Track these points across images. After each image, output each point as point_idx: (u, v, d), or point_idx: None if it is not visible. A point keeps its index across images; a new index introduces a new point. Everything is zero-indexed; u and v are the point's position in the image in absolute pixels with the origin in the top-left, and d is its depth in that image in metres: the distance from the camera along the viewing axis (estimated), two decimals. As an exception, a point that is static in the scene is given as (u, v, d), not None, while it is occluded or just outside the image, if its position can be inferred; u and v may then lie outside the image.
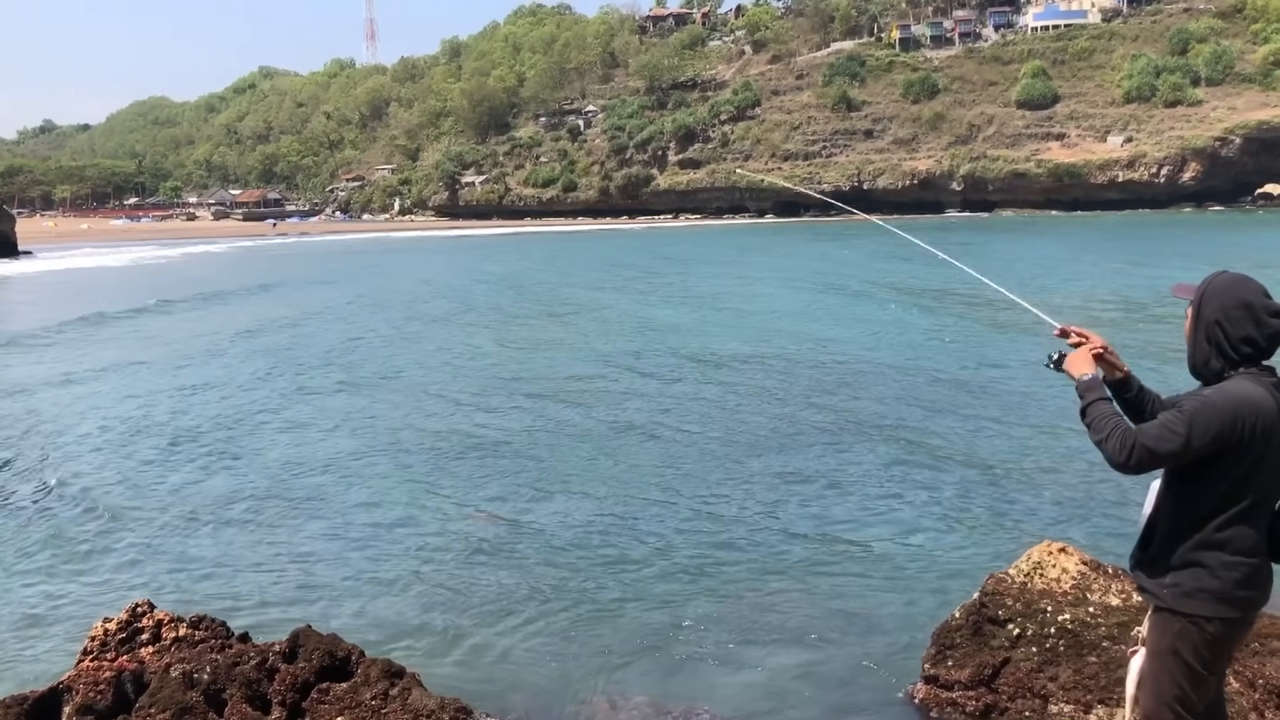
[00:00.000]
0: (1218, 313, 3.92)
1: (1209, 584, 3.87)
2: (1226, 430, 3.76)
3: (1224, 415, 3.77)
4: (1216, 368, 3.94)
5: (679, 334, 27.17)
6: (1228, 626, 3.94)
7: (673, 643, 8.27)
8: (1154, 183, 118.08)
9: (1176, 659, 3.94)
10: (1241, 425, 3.76)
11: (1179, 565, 3.93)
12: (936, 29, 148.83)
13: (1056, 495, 11.77)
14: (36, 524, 11.91)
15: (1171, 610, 3.94)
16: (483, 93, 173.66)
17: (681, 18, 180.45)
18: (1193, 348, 4.03)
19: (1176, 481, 3.96)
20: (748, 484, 12.75)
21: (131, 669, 6.02)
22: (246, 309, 37.42)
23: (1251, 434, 3.78)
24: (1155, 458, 3.81)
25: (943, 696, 6.57)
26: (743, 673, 7.76)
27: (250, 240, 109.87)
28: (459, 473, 13.70)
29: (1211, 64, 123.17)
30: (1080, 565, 6.72)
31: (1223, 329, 3.90)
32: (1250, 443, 3.78)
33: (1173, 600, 3.93)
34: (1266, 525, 3.92)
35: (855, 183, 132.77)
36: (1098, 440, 3.91)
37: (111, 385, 21.19)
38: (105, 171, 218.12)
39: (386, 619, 8.92)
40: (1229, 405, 3.78)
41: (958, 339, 24.70)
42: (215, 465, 14.43)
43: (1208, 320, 3.95)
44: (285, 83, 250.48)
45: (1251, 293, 3.92)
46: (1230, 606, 3.90)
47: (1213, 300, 3.96)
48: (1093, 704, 5.96)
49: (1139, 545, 4.16)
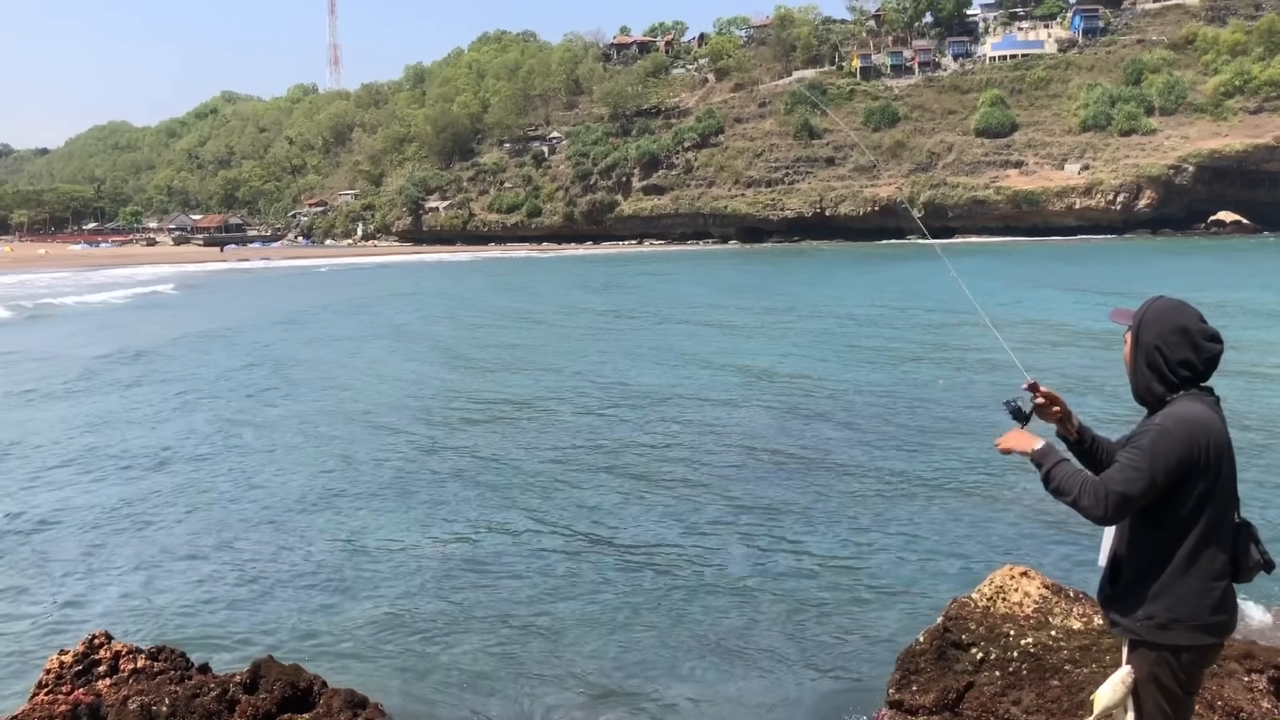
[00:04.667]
0: (1156, 338, 3.98)
1: (1182, 613, 3.90)
2: (1187, 455, 3.81)
3: (1182, 441, 3.81)
4: (1158, 392, 4.01)
5: (649, 365, 27.21)
6: (1202, 653, 4.00)
7: (636, 672, 8.25)
8: (1110, 210, 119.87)
9: (1158, 687, 3.97)
10: (1198, 448, 3.82)
11: (1152, 597, 3.94)
12: (896, 58, 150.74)
13: (1017, 521, 11.88)
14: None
15: (1148, 644, 3.96)
16: (447, 119, 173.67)
17: (645, 45, 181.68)
18: (1134, 373, 4.10)
19: (1139, 513, 3.96)
20: (710, 514, 12.75)
21: (88, 702, 5.91)
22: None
23: (1207, 455, 3.84)
24: (1129, 500, 3.83)
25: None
26: (707, 702, 7.74)
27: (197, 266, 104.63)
28: (420, 502, 13.60)
29: (1165, 94, 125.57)
30: (1042, 589, 6.78)
31: (1161, 354, 3.97)
32: (1208, 464, 3.84)
33: (1148, 633, 3.95)
34: (1229, 545, 3.96)
35: (818, 209, 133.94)
36: (1070, 502, 3.93)
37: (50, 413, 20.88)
38: (64, 196, 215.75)
39: (349, 648, 8.83)
40: (1184, 430, 3.83)
41: (921, 370, 24.89)
42: (168, 497, 14.22)
43: (1147, 346, 4.01)
44: (248, 108, 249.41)
45: (1188, 318, 3.99)
46: (1205, 633, 3.94)
47: (1150, 326, 4.02)
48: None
49: (1107, 580, 4.16)
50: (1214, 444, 3.86)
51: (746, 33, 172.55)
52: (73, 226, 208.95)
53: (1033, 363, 21.16)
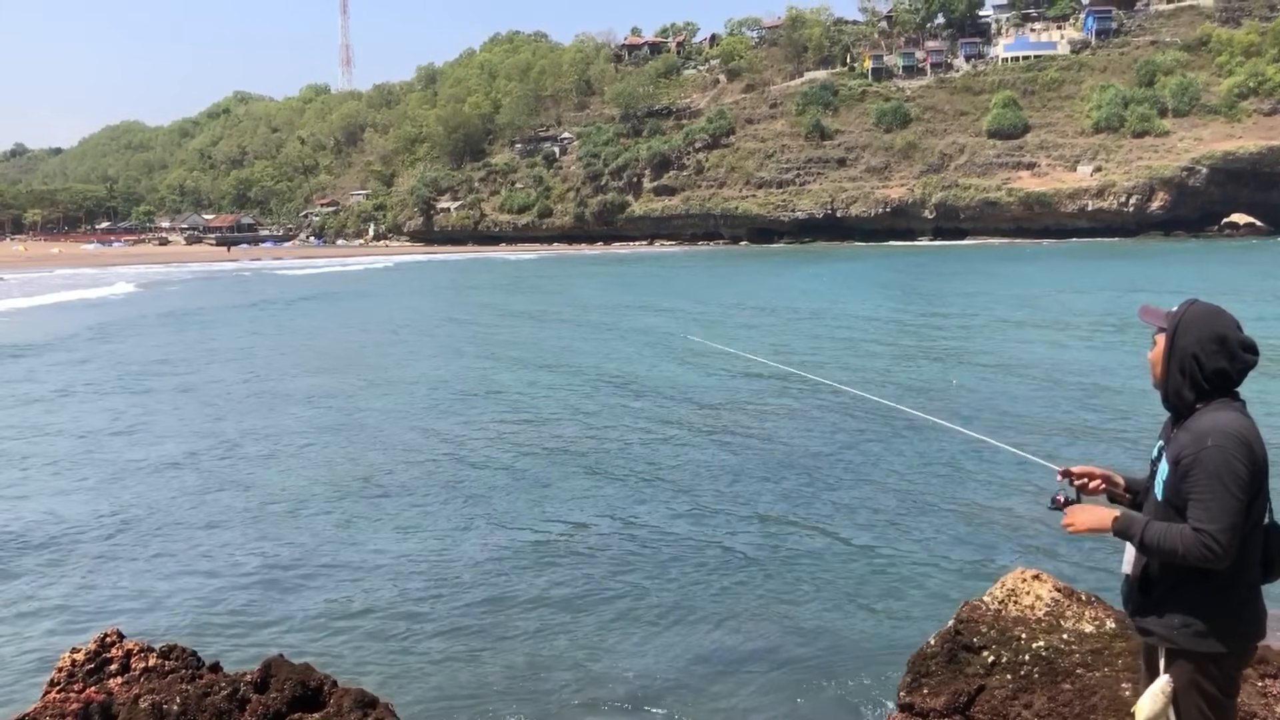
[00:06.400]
0: (1194, 345, 3.86)
1: (1224, 620, 3.84)
2: (1249, 468, 3.71)
3: (1240, 457, 3.71)
4: (1189, 399, 3.90)
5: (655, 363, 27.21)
6: (1242, 656, 3.98)
7: (644, 672, 8.24)
8: (1123, 211, 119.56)
9: (1201, 694, 3.91)
10: (1255, 459, 3.74)
11: (1192, 605, 3.86)
12: (908, 59, 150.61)
13: (1029, 523, 11.83)
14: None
15: (1187, 651, 3.89)
16: (458, 119, 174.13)
17: (656, 46, 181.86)
18: (1165, 377, 3.98)
19: (1177, 518, 3.83)
20: (718, 515, 12.73)
21: (99, 700, 5.92)
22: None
23: (1261, 464, 3.76)
24: (1235, 529, 3.69)
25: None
26: (716, 703, 7.73)
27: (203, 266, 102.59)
28: (435, 502, 13.61)
29: (1178, 95, 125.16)
30: (1054, 592, 6.74)
31: (1198, 361, 3.85)
32: (1260, 473, 3.77)
33: (1188, 642, 3.87)
34: (1263, 548, 3.91)
35: (829, 210, 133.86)
36: (1181, 558, 3.76)
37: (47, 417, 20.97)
38: (77, 195, 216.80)
39: (360, 648, 8.84)
40: (1237, 445, 3.73)
41: (932, 368, 24.84)
42: (178, 497, 14.27)
43: (1182, 351, 3.89)
44: (260, 108, 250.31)
45: (1227, 326, 3.88)
46: (1246, 638, 3.91)
47: (1188, 332, 3.89)
48: (1067, 731, 5.96)
49: (1138, 590, 4.05)
50: (1262, 452, 3.78)
51: (758, 33, 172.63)
52: (86, 226, 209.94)
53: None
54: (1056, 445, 15.42)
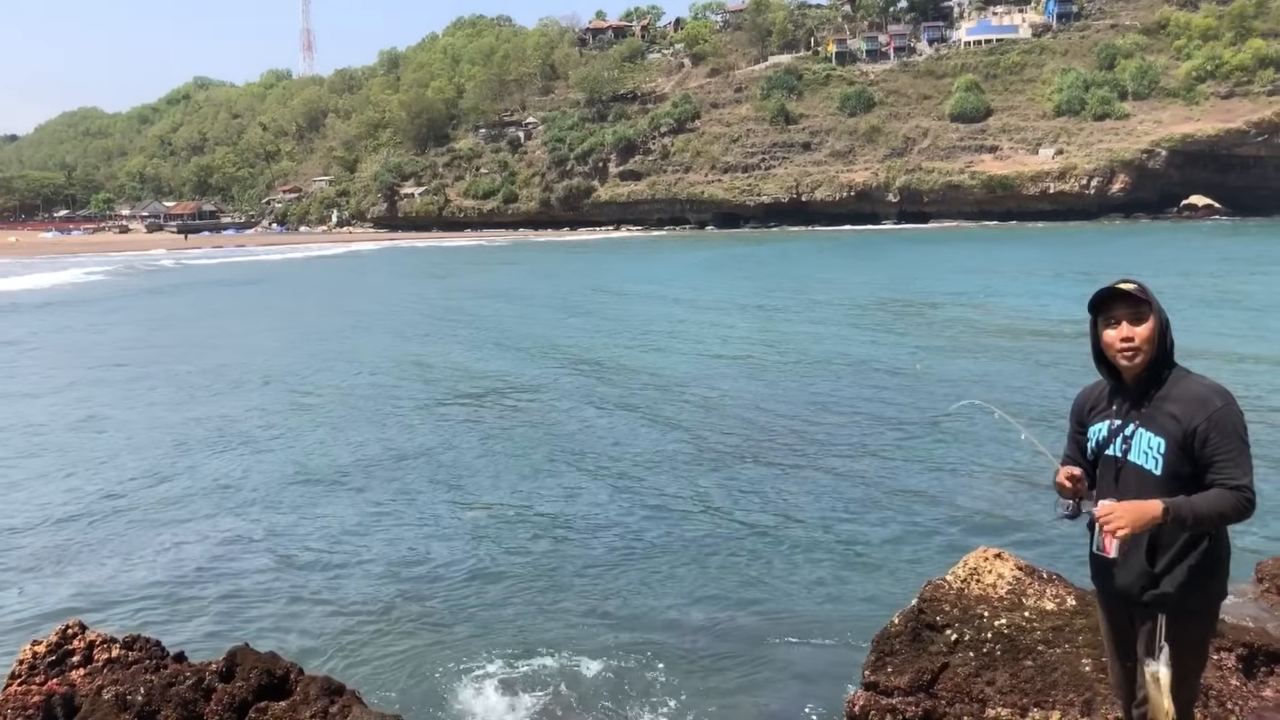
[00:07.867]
0: (1164, 313, 4.17)
1: (1222, 566, 4.12)
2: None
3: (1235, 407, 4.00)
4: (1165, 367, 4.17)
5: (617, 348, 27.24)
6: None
7: (614, 657, 8.27)
8: (1084, 194, 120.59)
9: (1199, 646, 4.24)
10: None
11: (1205, 568, 4.07)
12: (872, 43, 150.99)
13: (991, 503, 11.95)
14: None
15: (1193, 611, 4.12)
16: (421, 104, 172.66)
17: (621, 30, 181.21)
18: (1158, 349, 4.14)
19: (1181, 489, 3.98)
20: (681, 499, 12.78)
21: (61, 692, 5.87)
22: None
23: None
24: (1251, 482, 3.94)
25: (883, 703, 6.62)
26: (682, 685, 7.77)
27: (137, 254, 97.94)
28: (394, 489, 13.57)
29: (1138, 79, 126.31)
30: (1015, 571, 6.82)
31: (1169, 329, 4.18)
32: None
33: (1203, 603, 4.14)
34: None
35: (794, 194, 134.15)
36: (1226, 519, 3.95)
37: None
38: (34, 183, 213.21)
39: (325, 636, 8.82)
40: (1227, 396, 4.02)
41: (896, 351, 25.01)
42: (142, 488, 14.13)
43: (1164, 321, 4.16)
44: (220, 94, 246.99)
45: None
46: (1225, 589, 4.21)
47: (1157, 304, 4.17)
48: (1029, 707, 6.05)
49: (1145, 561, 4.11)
50: None
51: (722, 17, 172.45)
52: (44, 214, 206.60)
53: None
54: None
